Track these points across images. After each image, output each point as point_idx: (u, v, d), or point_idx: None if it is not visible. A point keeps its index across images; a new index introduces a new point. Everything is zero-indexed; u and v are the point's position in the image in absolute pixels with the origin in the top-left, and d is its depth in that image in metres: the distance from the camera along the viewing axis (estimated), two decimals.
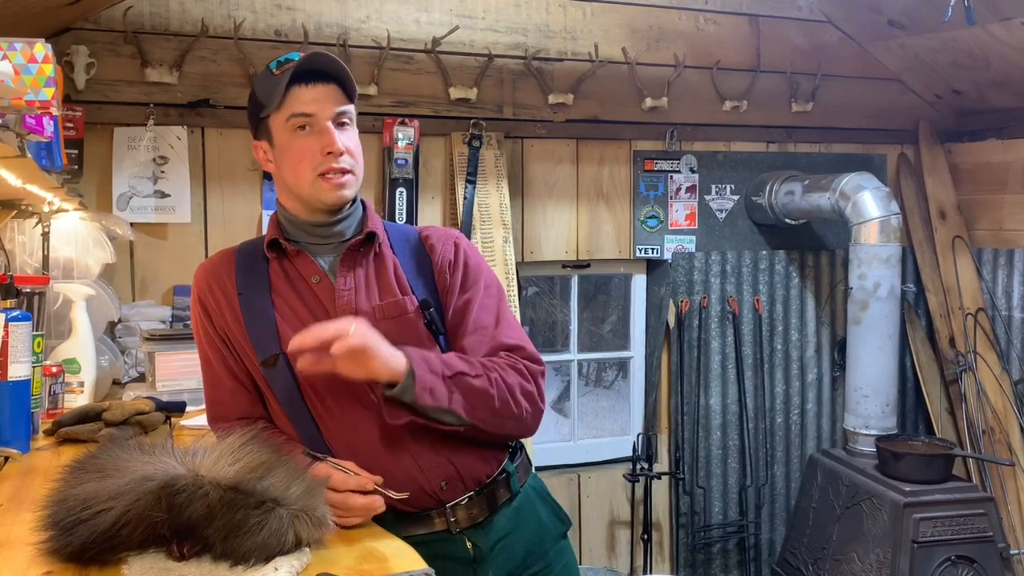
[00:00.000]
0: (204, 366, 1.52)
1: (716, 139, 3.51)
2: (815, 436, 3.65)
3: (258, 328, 1.44)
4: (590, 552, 3.44)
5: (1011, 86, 3.38)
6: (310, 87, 1.41)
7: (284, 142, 1.43)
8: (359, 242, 1.47)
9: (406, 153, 3.02)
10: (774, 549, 3.58)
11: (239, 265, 1.50)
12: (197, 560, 1.07)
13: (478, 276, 1.52)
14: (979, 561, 2.83)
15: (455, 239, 1.55)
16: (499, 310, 1.50)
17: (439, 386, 1.34)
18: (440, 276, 1.50)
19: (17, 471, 1.54)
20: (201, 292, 1.50)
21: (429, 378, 1.33)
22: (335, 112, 1.42)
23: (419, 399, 1.32)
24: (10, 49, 1.05)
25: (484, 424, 1.39)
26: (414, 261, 1.51)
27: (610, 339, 4.43)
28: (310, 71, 1.40)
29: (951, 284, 3.63)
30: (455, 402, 1.35)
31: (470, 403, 1.36)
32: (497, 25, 3.15)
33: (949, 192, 3.71)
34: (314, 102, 1.41)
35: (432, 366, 1.35)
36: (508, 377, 1.41)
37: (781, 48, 3.53)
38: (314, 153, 1.41)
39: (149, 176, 2.77)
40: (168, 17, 2.77)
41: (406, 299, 1.45)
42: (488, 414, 1.39)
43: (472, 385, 1.37)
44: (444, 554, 1.40)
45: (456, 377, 1.36)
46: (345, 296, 1.43)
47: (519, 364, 1.44)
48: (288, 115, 1.41)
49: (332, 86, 1.42)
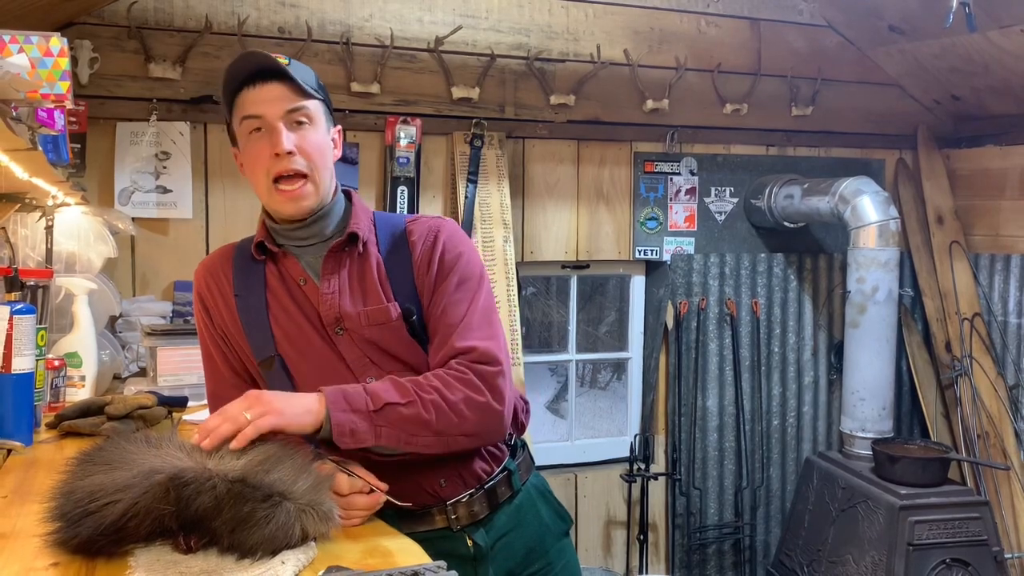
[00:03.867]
0: (206, 360, 1.53)
1: (716, 142, 3.52)
2: (811, 438, 3.66)
3: (254, 330, 1.44)
4: (586, 552, 3.45)
5: (1010, 93, 3.40)
6: (256, 88, 1.36)
7: (243, 145, 1.41)
8: (341, 243, 1.43)
9: (408, 152, 3.02)
10: (769, 551, 3.59)
11: (237, 264, 1.49)
12: (204, 553, 1.07)
13: (451, 271, 1.43)
14: (974, 564, 2.84)
15: (436, 231, 1.46)
16: (470, 305, 1.41)
17: (360, 425, 1.26)
18: (419, 276, 1.44)
19: (21, 464, 1.55)
20: (201, 290, 1.50)
21: (347, 419, 1.26)
22: (284, 111, 1.36)
23: (339, 442, 1.26)
24: (26, 42, 1.06)
25: (430, 447, 1.33)
26: (396, 259, 1.46)
27: (607, 340, 4.44)
28: (258, 71, 1.36)
29: (948, 289, 3.65)
30: (384, 436, 1.28)
31: (404, 432, 1.29)
32: (500, 25, 3.16)
33: (947, 197, 3.73)
34: (261, 103, 1.36)
35: (354, 404, 1.27)
36: (450, 394, 1.32)
37: (782, 52, 3.54)
38: (266, 156, 1.36)
39: (151, 171, 2.77)
40: (172, 13, 2.78)
41: (390, 306, 1.40)
42: (430, 438, 1.31)
43: (403, 415, 1.29)
44: (445, 551, 1.40)
45: (384, 409, 1.28)
46: (329, 299, 1.40)
47: (467, 373, 1.34)
48: (240, 118, 1.38)
49: (279, 84, 1.37)
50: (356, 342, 1.41)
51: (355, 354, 1.41)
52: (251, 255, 1.47)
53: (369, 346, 1.40)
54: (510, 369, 1.42)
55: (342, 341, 1.40)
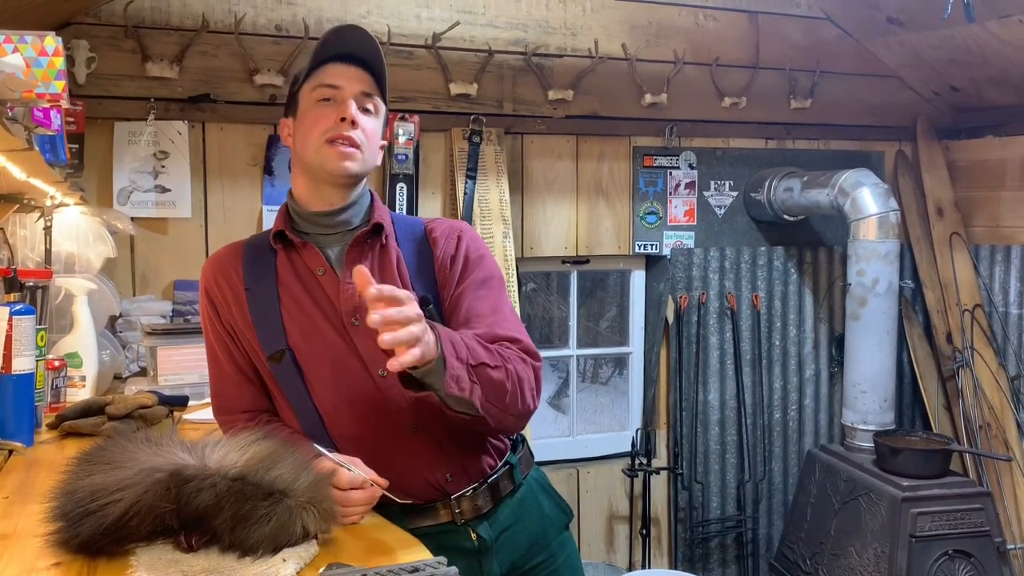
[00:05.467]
0: (210, 358, 1.52)
1: (715, 135, 3.52)
2: (813, 431, 3.66)
3: (264, 323, 1.44)
4: (589, 547, 3.45)
5: (1009, 83, 3.39)
6: (344, 65, 1.43)
7: (305, 110, 1.44)
8: (365, 233, 1.46)
9: (406, 149, 3.02)
10: (772, 544, 3.59)
11: (247, 259, 1.49)
12: (205, 551, 1.07)
13: (477, 268, 1.49)
14: (976, 555, 2.85)
15: (459, 232, 1.53)
16: (496, 301, 1.47)
17: (464, 375, 1.27)
18: (440, 271, 1.48)
19: (22, 464, 1.55)
20: (208, 286, 1.49)
21: (456, 366, 1.26)
22: (360, 91, 1.43)
23: (447, 387, 1.24)
24: (21, 42, 1.05)
25: (490, 418, 1.34)
26: (417, 255, 1.49)
27: (608, 335, 4.44)
28: (348, 55, 1.43)
29: (948, 280, 3.64)
30: (475, 394, 1.28)
31: (487, 395, 1.31)
32: (497, 21, 3.15)
33: (947, 189, 3.73)
34: (342, 76, 1.43)
35: (459, 352, 1.27)
36: (521, 370, 1.36)
37: (780, 45, 3.53)
38: (329, 120, 1.41)
39: (149, 171, 2.77)
40: (169, 12, 2.77)
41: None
42: (498, 408, 1.33)
43: (492, 377, 1.31)
44: (450, 546, 1.41)
45: (479, 367, 1.29)
46: (349, 290, 1.41)
47: (527, 360, 1.39)
48: (315, 85, 1.43)
49: (364, 72, 1.44)
50: (371, 334, 1.37)
51: (369, 346, 1.38)
52: (261, 249, 1.49)
53: None
54: None
55: (357, 332, 1.40)
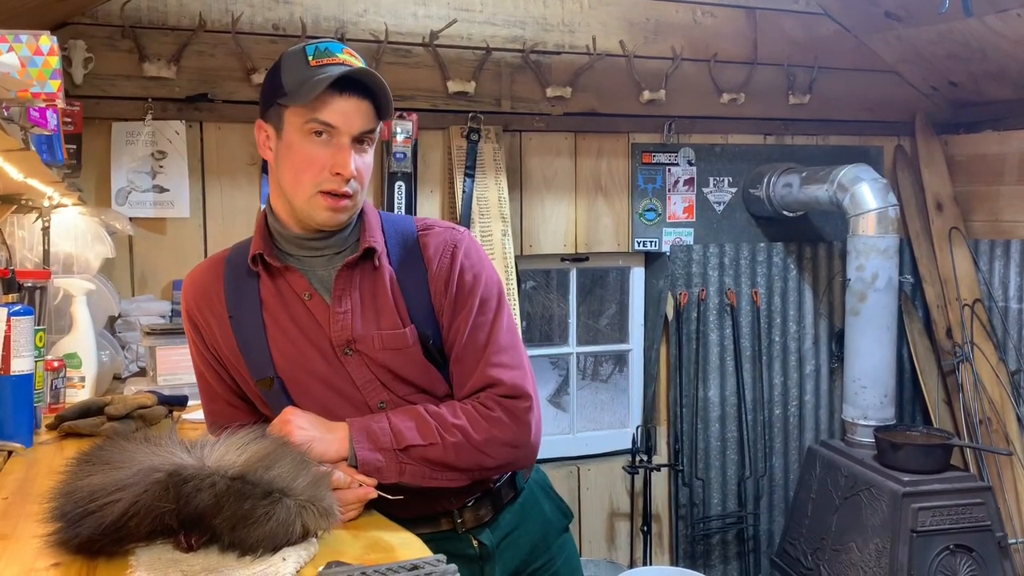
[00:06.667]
0: (199, 378, 1.48)
1: (714, 132, 3.52)
2: (813, 427, 3.66)
3: (251, 351, 1.38)
4: (590, 544, 3.45)
5: (1007, 78, 3.39)
6: (344, 97, 1.29)
7: (294, 141, 1.31)
8: (356, 259, 1.36)
9: (404, 147, 3.01)
10: (773, 540, 3.59)
11: (228, 281, 1.41)
12: (205, 551, 1.07)
13: (472, 293, 1.38)
14: (977, 550, 2.85)
15: (453, 247, 1.40)
16: (491, 329, 1.38)
17: (385, 463, 1.28)
18: (435, 294, 1.39)
19: (21, 465, 1.54)
20: (190, 309, 1.43)
21: (372, 458, 1.27)
22: (360, 131, 1.31)
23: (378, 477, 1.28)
24: (16, 41, 1.05)
25: (455, 482, 1.33)
26: (410, 274, 1.40)
27: (608, 332, 4.44)
28: (348, 79, 1.29)
29: (948, 275, 3.64)
30: (408, 474, 1.29)
31: (428, 470, 1.30)
32: (495, 18, 3.15)
33: (946, 183, 3.72)
34: (343, 115, 1.29)
35: (379, 442, 1.28)
36: (475, 434, 1.31)
37: (778, 40, 3.53)
38: (322, 167, 1.30)
39: (147, 171, 2.77)
40: (166, 11, 2.77)
41: (406, 331, 1.36)
42: (456, 474, 1.32)
43: (427, 456, 1.29)
44: (450, 552, 1.38)
45: (408, 450, 1.28)
46: (341, 319, 1.34)
47: (495, 410, 1.33)
48: (310, 118, 1.29)
49: (367, 103, 1.31)
50: (367, 364, 1.36)
51: (366, 376, 1.36)
52: (243, 268, 1.39)
53: (381, 369, 1.36)
54: (538, 396, 1.41)
55: (351, 362, 1.35)
